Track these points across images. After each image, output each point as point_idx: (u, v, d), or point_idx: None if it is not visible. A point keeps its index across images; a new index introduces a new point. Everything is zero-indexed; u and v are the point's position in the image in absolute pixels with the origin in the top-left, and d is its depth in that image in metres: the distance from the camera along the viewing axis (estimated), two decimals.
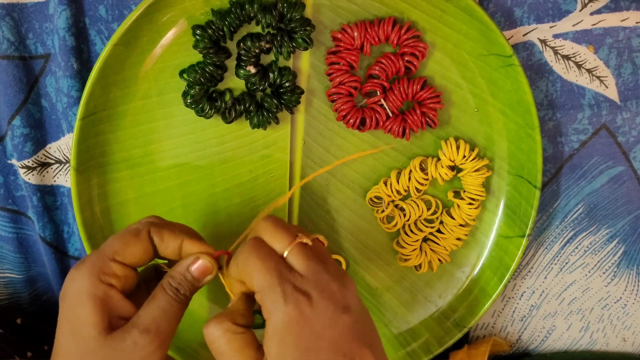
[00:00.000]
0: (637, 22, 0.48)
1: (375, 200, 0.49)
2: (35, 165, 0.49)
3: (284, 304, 0.33)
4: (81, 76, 0.46)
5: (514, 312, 0.55)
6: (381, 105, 0.46)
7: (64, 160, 0.50)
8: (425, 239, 0.50)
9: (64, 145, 0.49)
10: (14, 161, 0.49)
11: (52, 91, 0.48)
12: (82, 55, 0.47)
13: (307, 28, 0.43)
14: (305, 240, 0.35)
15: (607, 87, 0.49)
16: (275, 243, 0.35)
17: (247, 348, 0.34)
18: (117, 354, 0.33)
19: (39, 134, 0.49)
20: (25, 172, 0.49)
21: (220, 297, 0.50)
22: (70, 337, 0.34)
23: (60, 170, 0.50)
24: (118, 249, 0.35)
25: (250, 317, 0.36)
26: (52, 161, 0.50)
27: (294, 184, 0.49)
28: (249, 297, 0.37)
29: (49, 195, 0.51)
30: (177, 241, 0.37)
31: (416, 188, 0.48)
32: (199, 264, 0.36)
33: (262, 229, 0.36)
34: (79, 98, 0.46)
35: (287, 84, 0.45)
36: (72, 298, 0.34)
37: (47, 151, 0.49)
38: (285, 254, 0.35)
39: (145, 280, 0.40)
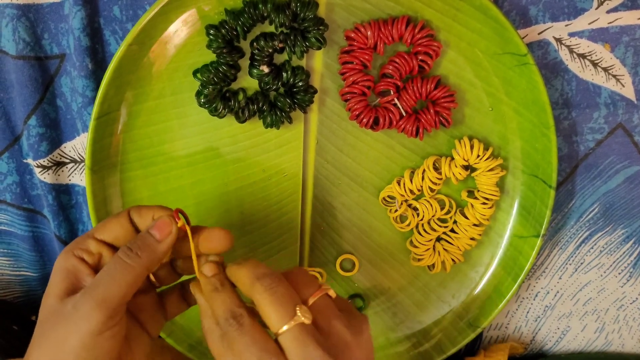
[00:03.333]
0: None
1: (389, 199, 0.49)
2: (50, 164, 0.50)
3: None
4: (96, 76, 0.47)
5: (528, 312, 0.55)
6: (395, 105, 0.46)
7: (79, 160, 0.50)
8: (438, 239, 0.50)
9: (78, 145, 0.50)
10: (29, 160, 0.50)
11: (67, 91, 0.48)
12: (97, 55, 0.47)
13: (321, 27, 0.43)
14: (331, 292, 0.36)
15: (623, 86, 0.49)
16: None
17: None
18: (62, 316, 0.34)
19: (55, 134, 0.49)
20: (41, 171, 0.49)
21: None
22: (41, 307, 0.36)
23: (75, 170, 0.50)
24: (98, 227, 0.37)
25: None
26: (67, 160, 0.50)
27: (306, 184, 0.49)
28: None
29: (64, 194, 0.51)
30: (150, 212, 0.37)
31: (430, 187, 0.48)
32: (156, 221, 0.36)
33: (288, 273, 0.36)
34: (94, 98, 0.46)
35: (300, 84, 0.45)
36: (52, 273, 0.36)
37: (62, 150, 0.50)
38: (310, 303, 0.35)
39: (166, 293, 0.40)
